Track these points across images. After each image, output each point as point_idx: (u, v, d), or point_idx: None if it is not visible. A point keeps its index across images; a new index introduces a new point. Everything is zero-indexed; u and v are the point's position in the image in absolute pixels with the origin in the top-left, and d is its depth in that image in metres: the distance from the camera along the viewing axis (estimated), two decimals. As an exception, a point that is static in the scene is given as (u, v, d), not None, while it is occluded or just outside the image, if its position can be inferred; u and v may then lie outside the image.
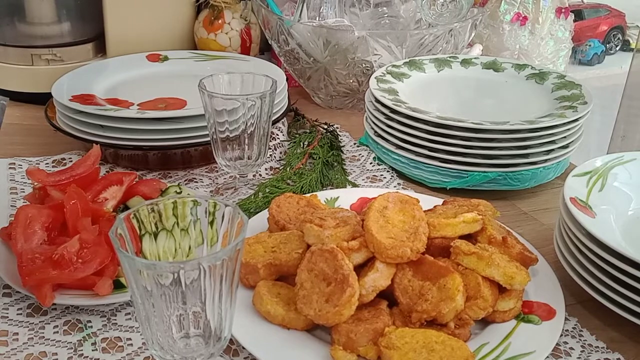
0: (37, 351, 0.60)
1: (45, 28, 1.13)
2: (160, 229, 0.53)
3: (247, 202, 0.82)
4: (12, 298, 0.66)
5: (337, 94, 1.15)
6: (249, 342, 0.58)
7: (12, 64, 1.11)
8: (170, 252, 0.54)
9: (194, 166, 0.94)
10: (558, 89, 0.98)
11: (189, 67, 1.11)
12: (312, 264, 0.61)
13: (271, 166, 0.96)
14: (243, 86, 0.82)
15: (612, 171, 0.77)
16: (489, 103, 1.00)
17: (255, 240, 0.68)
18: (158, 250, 0.53)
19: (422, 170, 0.90)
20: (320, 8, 1.22)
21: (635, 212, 0.74)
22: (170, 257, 0.54)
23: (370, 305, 0.61)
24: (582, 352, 0.62)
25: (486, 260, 0.62)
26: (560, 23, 1.44)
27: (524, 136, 0.86)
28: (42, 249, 0.66)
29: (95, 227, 0.68)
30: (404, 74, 1.03)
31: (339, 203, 0.80)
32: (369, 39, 1.04)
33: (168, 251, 0.54)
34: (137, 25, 1.15)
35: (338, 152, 0.98)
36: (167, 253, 0.54)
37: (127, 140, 0.89)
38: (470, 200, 0.72)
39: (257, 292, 0.62)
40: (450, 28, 1.07)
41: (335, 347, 0.58)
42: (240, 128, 0.80)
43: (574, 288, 0.69)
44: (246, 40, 1.22)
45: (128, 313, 0.65)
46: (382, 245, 0.60)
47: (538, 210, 0.88)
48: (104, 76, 1.05)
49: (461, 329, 0.60)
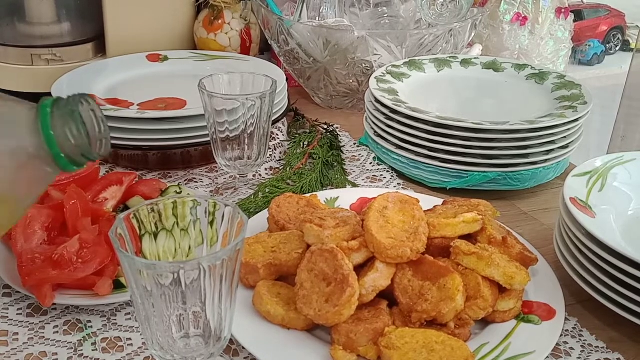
0: (37, 351, 0.60)
1: (45, 28, 1.13)
2: (160, 229, 0.53)
3: (247, 202, 0.82)
4: (12, 298, 0.66)
5: (337, 94, 1.15)
6: (249, 342, 0.58)
7: (12, 64, 1.11)
8: (170, 252, 0.54)
9: (194, 166, 0.94)
10: (558, 89, 0.98)
11: (189, 67, 1.11)
12: (312, 264, 0.61)
13: (271, 166, 0.96)
14: (243, 86, 0.82)
15: (612, 171, 0.77)
16: (489, 103, 1.00)
17: (255, 240, 0.68)
18: (158, 250, 0.53)
19: (422, 170, 0.90)
20: (320, 8, 1.22)
21: (635, 212, 0.74)
22: (170, 257, 0.54)
23: (370, 305, 0.61)
24: (582, 352, 0.62)
25: (486, 260, 0.62)
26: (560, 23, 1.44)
27: (524, 136, 0.86)
28: (42, 249, 0.66)
29: (95, 227, 0.68)
30: (404, 74, 1.03)
31: (339, 203, 0.80)
32: (369, 39, 1.04)
33: (168, 251, 0.54)
34: (137, 25, 1.15)
35: (338, 152, 0.98)
36: (167, 253, 0.54)
37: (127, 140, 0.89)
38: (470, 201, 0.72)
39: (257, 292, 0.62)
40: (450, 28, 1.07)
41: (335, 347, 0.58)
42: (240, 128, 0.80)
43: (574, 288, 0.69)
44: (246, 40, 1.22)
45: (128, 313, 0.65)
46: (382, 245, 0.60)
47: (538, 210, 0.88)
48: (104, 76, 1.05)
49: (461, 329, 0.60)
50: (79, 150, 0.45)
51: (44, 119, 0.44)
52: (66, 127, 0.44)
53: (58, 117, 0.44)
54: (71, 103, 0.45)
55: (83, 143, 0.45)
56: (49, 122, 0.44)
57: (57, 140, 0.44)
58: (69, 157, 0.45)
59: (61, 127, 0.44)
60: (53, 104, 0.44)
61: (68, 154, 0.44)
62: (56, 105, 0.44)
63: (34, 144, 0.44)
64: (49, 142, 0.44)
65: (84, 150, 0.45)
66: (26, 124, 0.44)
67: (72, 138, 0.44)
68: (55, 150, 0.44)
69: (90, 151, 0.45)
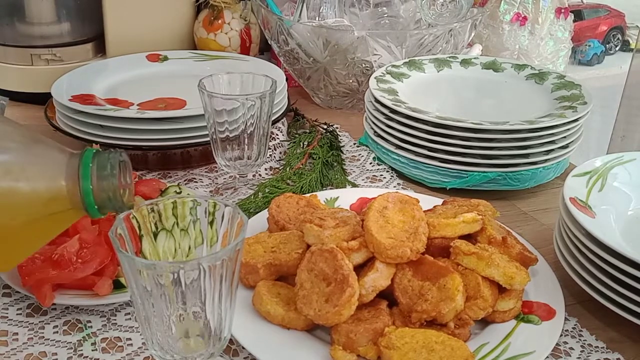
0: (37, 351, 0.60)
1: (44, 28, 1.13)
2: (160, 229, 0.53)
3: (247, 202, 0.82)
4: (12, 298, 0.66)
5: (336, 94, 1.15)
6: (249, 342, 0.58)
7: (12, 64, 1.11)
8: (170, 252, 0.54)
9: (193, 166, 0.94)
10: (558, 89, 0.98)
11: (189, 67, 1.11)
12: (312, 264, 0.61)
13: (271, 166, 0.96)
14: (243, 86, 0.82)
15: (612, 171, 0.77)
16: (489, 103, 1.00)
17: (255, 240, 0.68)
18: (158, 250, 0.53)
19: (421, 170, 0.90)
20: (320, 8, 1.22)
21: (635, 212, 0.74)
22: (170, 257, 0.54)
23: (370, 305, 0.61)
24: (582, 352, 0.62)
25: (486, 260, 0.62)
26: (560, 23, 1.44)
27: (523, 136, 0.86)
28: (41, 248, 0.66)
29: (95, 227, 0.68)
30: (404, 74, 1.03)
31: (338, 203, 0.80)
32: (369, 39, 1.04)
33: (168, 251, 0.54)
34: (137, 25, 1.15)
35: (338, 152, 0.98)
36: (167, 253, 0.54)
37: (126, 140, 0.89)
38: (470, 200, 0.72)
39: (257, 292, 0.62)
40: (450, 28, 1.07)
41: (335, 347, 0.58)
42: (240, 128, 0.80)
43: (574, 288, 0.69)
44: (246, 40, 1.22)
45: (128, 313, 0.65)
46: (382, 245, 0.60)
47: (538, 210, 0.88)
48: (104, 76, 1.05)
49: (461, 329, 0.60)
50: (109, 202, 0.50)
51: (85, 172, 0.49)
52: (103, 182, 0.49)
53: (97, 173, 0.49)
54: (111, 162, 0.50)
55: (115, 196, 0.50)
56: (90, 175, 0.49)
57: (94, 193, 0.49)
58: (100, 207, 0.50)
59: (99, 182, 0.49)
60: (93, 158, 0.50)
61: (100, 205, 0.50)
62: (97, 159, 0.50)
63: (71, 190, 0.49)
64: (86, 193, 0.49)
65: (114, 202, 0.50)
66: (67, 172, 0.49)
67: (107, 192, 0.50)
68: (89, 200, 0.49)
69: (120, 205, 0.50)
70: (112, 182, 0.49)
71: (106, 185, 0.49)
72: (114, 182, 0.49)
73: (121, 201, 0.50)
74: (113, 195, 0.49)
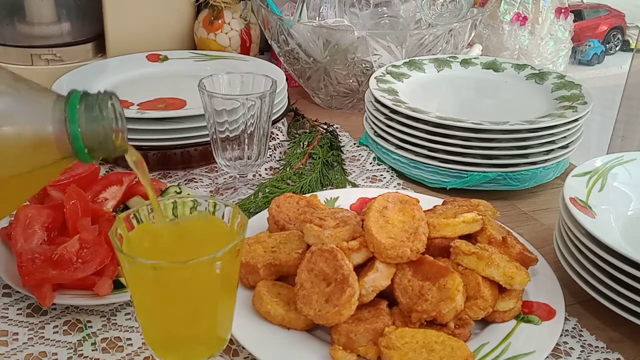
0: (37, 351, 0.60)
1: (45, 28, 1.13)
2: (160, 229, 0.53)
3: (247, 202, 0.82)
4: (12, 298, 0.66)
5: (337, 94, 1.15)
6: (249, 342, 0.58)
7: (12, 64, 1.11)
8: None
9: (193, 166, 0.94)
10: (558, 89, 0.98)
11: (189, 67, 1.11)
12: (312, 264, 0.61)
13: (271, 166, 0.96)
14: (243, 86, 0.82)
15: (612, 171, 0.77)
16: (489, 103, 1.00)
17: (255, 240, 0.68)
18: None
19: (421, 170, 0.90)
20: (320, 8, 1.22)
21: (635, 212, 0.74)
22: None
23: (370, 305, 0.61)
24: (582, 352, 0.62)
25: (486, 260, 0.62)
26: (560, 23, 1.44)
27: (523, 136, 0.86)
28: (42, 249, 0.66)
29: (95, 227, 0.68)
30: (404, 74, 1.03)
31: (338, 203, 0.80)
32: (369, 39, 1.04)
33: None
34: (137, 25, 1.15)
35: (338, 152, 0.98)
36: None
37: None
38: (470, 200, 0.72)
39: (257, 292, 0.62)
40: (450, 28, 1.07)
41: (335, 347, 0.58)
42: (240, 128, 0.80)
43: (574, 288, 0.69)
44: (246, 40, 1.22)
45: (128, 313, 0.65)
46: (382, 245, 0.60)
47: (538, 210, 0.88)
48: (104, 76, 1.05)
49: (461, 329, 0.60)
50: (100, 146, 0.46)
51: (72, 116, 0.45)
52: (92, 125, 0.45)
53: (85, 115, 0.45)
54: (100, 103, 0.46)
55: (106, 139, 0.46)
56: (77, 118, 0.45)
57: (83, 137, 0.45)
58: (90, 151, 0.46)
59: (87, 124, 0.45)
60: (81, 100, 0.45)
61: (90, 149, 0.46)
62: (84, 101, 0.45)
63: (59, 135, 0.45)
64: (75, 137, 0.45)
65: (105, 146, 0.46)
66: (53, 116, 0.45)
67: (97, 135, 0.45)
68: (79, 145, 0.45)
69: (112, 149, 0.47)
70: (102, 124, 0.46)
71: (96, 128, 0.45)
72: (104, 125, 0.46)
73: (113, 145, 0.46)
74: (104, 138, 0.46)
